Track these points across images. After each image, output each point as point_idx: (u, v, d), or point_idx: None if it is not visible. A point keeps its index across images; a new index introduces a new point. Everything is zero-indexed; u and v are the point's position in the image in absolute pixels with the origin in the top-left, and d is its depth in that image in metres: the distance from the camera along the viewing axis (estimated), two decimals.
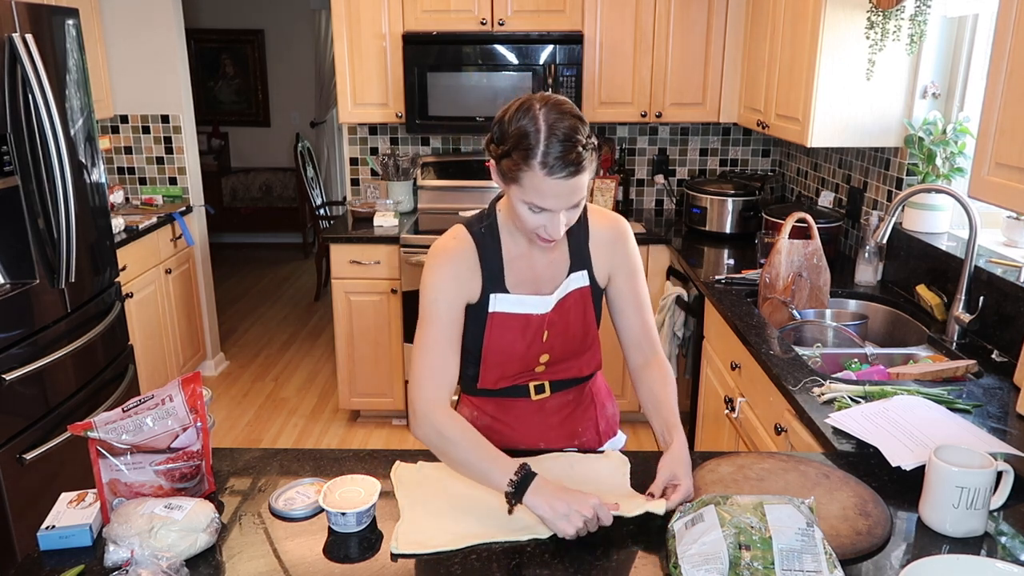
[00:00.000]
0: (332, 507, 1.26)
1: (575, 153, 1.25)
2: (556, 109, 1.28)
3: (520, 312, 1.46)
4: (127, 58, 4.00)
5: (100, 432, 1.25)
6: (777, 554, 1.06)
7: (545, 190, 1.27)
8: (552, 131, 1.25)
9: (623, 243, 1.53)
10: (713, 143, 4.01)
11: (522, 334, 1.47)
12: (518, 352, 1.49)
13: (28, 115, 2.44)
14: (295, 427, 3.88)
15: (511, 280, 1.46)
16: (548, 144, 1.25)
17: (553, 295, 1.48)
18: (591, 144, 1.29)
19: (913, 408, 1.62)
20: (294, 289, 6.20)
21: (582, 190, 1.30)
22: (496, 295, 1.45)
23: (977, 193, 1.69)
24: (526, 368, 1.52)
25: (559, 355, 1.53)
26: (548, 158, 1.25)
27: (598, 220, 1.53)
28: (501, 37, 3.46)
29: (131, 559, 1.13)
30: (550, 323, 1.49)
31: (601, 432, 1.67)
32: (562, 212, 1.32)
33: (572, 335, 1.52)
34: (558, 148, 1.25)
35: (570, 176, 1.26)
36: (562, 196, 1.28)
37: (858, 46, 2.58)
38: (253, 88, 7.36)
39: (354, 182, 4.10)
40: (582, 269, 1.50)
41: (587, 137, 1.28)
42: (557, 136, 1.25)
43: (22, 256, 2.46)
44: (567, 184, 1.27)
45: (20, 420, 2.40)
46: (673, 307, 3.07)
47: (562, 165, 1.25)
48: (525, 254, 1.47)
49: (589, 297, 1.52)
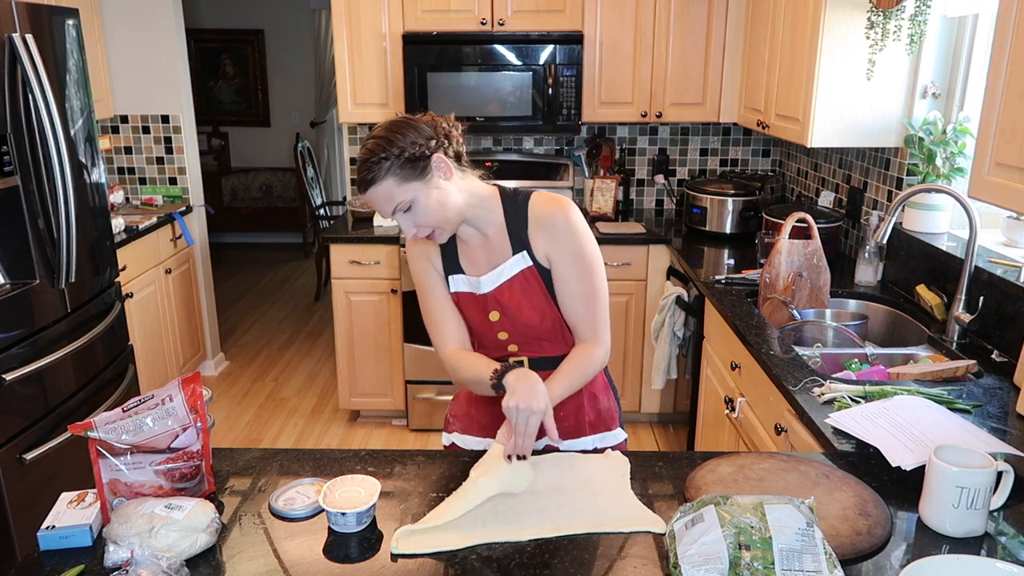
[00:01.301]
0: (332, 507, 1.26)
1: (366, 168, 1.42)
2: (372, 134, 1.46)
3: (468, 291, 1.61)
4: (127, 58, 4.00)
5: (100, 432, 1.25)
6: (777, 554, 1.06)
7: (369, 203, 1.48)
8: (361, 154, 1.45)
9: (559, 227, 1.55)
10: (713, 143, 4.01)
11: (475, 311, 1.62)
12: (478, 329, 1.64)
13: (28, 115, 2.44)
14: (295, 427, 3.88)
15: (464, 262, 1.62)
16: (359, 165, 1.45)
17: (489, 276, 1.58)
18: (387, 157, 1.41)
19: (913, 408, 1.62)
20: (294, 289, 6.20)
21: (393, 197, 1.44)
22: (453, 276, 1.62)
23: (977, 193, 1.69)
24: (493, 344, 1.64)
25: (521, 335, 1.61)
26: (358, 176, 1.46)
27: (537, 205, 1.57)
28: (501, 37, 3.46)
29: (131, 559, 1.13)
30: (496, 303, 1.59)
31: (587, 423, 1.67)
32: (398, 217, 1.47)
33: (525, 317, 1.58)
34: (358, 169, 1.45)
35: (366, 188, 1.44)
36: (376, 205, 1.46)
37: (858, 46, 2.58)
38: (253, 88, 7.36)
39: (354, 182, 4.10)
40: (522, 251, 1.57)
41: (385, 152, 1.41)
42: (360, 160, 1.45)
43: (22, 256, 2.46)
44: (368, 197, 1.45)
45: (20, 420, 2.40)
46: (673, 307, 3.07)
47: (363, 183, 1.44)
48: (468, 244, 1.61)
49: (536, 279, 1.57)
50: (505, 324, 1.60)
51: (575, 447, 1.65)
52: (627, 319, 3.56)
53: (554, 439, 1.39)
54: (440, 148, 1.46)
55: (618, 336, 3.56)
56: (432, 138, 1.45)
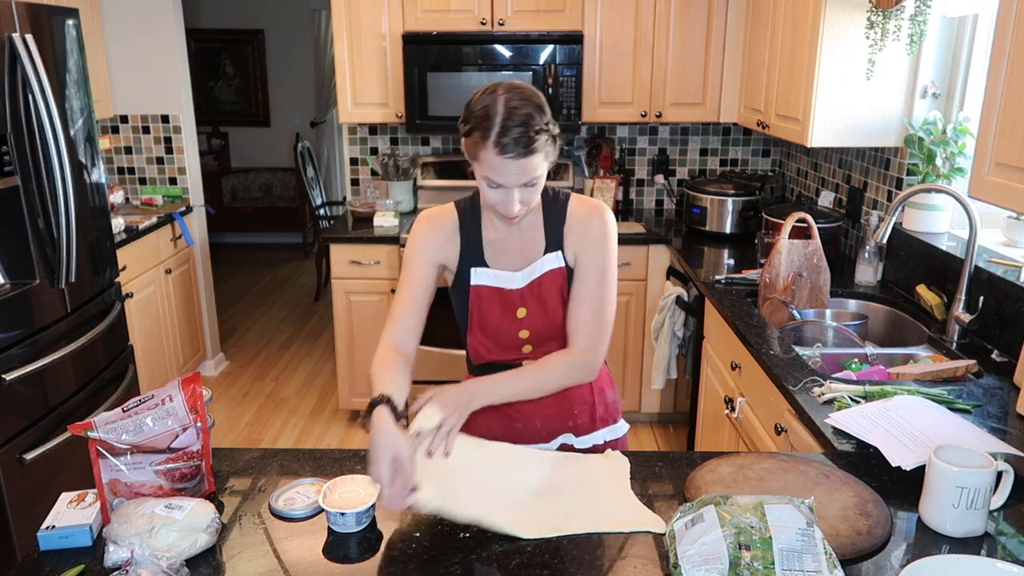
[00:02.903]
0: (332, 507, 1.26)
1: (526, 137, 1.36)
2: (517, 96, 1.39)
3: (495, 286, 1.57)
4: (127, 58, 4.00)
5: (100, 432, 1.25)
6: (777, 554, 1.06)
7: (498, 167, 1.39)
8: (508, 115, 1.37)
9: (595, 230, 1.55)
10: (713, 143, 4.01)
11: (500, 308, 1.58)
12: (496, 325, 1.59)
13: (28, 115, 2.44)
14: (295, 427, 3.88)
15: (490, 255, 1.58)
16: (503, 126, 1.36)
17: (523, 271, 1.56)
18: (547, 130, 1.40)
19: (913, 408, 1.62)
20: (294, 289, 6.20)
21: (535, 170, 1.41)
22: (476, 269, 1.57)
23: (977, 193, 1.69)
24: (510, 343, 1.60)
25: (540, 334, 1.58)
26: (501, 139, 1.37)
27: (578, 206, 1.57)
28: (501, 37, 3.46)
29: (131, 559, 1.13)
30: (525, 300, 1.57)
31: (597, 418, 1.68)
32: (516, 189, 1.42)
33: (551, 315, 1.57)
34: (510, 130, 1.36)
35: (519, 157, 1.37)
36: (513, 174, 1.39)
37: (858, 46, 2.58)
38: (253, 88, 7.36)
39: (354, 182, 4.10)
40: (556, 250, 1.56)
41: (544, 124, 1.39)
42: (512, 120, 1.36)
43: (22, 256, 2.46)
44: (517, 164, 1.38)
45: (20, 420, 2.40)
46: (673, 307, 3.07)
47: (512, 146, 1.36)
48: (503, 231, 1.57)
49: (566, 280, 1.56)
50: (530, 321, 1.58)
51: (588, 443, 1.67)
52: (627, 319, 3.56)
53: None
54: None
55: (618, 336, 3.56)
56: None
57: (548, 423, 1.64)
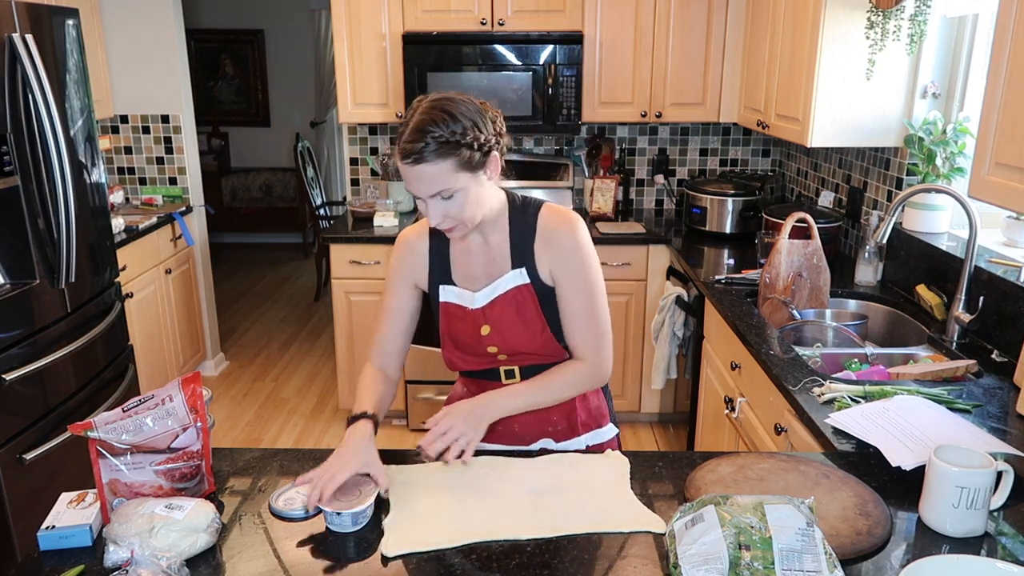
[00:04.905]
0: (329, 507, 1.26)
1: (423, 142, 1.33)
2: (434, 104, 1.37)
3: (460, 304, 1.57)
4: (127, 58, 4.00)
5: (100, 432, 1.25)
6: (777, 554, 1.06)
7: (406, 174, 1.38)
8: (417, 122, 1.35)
9: (567, 247, 1.51)
10: (713, 143, 4.01)
11: (464, 325, 1.57)
12: (465, 340, 1.58)
13: (28, 115, 2.44)
14: (295, 427, 3.88)
15: (457, 273, 1.57)
16: (409, 132, 1.35)
17: (483, 291, 1.55)
18: (457, 141, 1.34)
19: (913, 408, 1.62)
20: (294, 289, 6.20)
21: (444, 182, 1.36)
22: (444, 286, 1.58)
23: (977, 193, 1.69)
24: (482, 355, 1.59)
25: (509, 349, 1.56)
26: (404, 144, 1.35)
27: (547, 219, 1.53)
28: (501, 37, 3.46)
29: (131, 559, 1.13)
30: (487, 318, 1.55)
31: (579, 423, 1.65)
32: (431, 201, 1.40)
33: (515, 333, 1.54)
34: (411, 136, 1.34)
35: (415, 163, 1.34)
36: (415, 181, 1.38)
37: (858, 46, 2.58)
38: (253, 88, 7.36)
39: (354, 182, 4.10)
40: (521, 267, 1.53)
41: (450, 133, 1.33)
42: (418, 126, 1.34)
43: (22, 256, 2.46)
44: (414, 171, 1.36)
45: (20, 420, 2.40)
46: (673, 307, 3.07)
47: (407, 152, 1.34)
48: (469, 249, 1.56)
49: (531, 296, 1.53)
50: (495, 338, 1.56)
51: (570, 447, 1.64)
52: (627, 319, 3.56)
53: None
54: (498, 146, 1.43)
55: (618, 336, 3.56)
56: (498, 133, 1.41)
57: (525, 428, 1.61)
